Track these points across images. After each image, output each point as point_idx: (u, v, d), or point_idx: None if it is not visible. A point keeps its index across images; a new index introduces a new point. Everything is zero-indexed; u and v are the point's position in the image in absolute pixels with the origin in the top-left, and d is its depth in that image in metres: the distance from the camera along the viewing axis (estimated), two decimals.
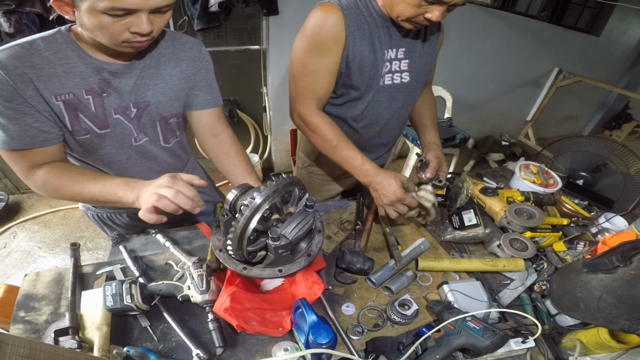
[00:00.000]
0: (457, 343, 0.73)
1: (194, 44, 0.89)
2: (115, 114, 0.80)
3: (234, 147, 0.97)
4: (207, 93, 0.94)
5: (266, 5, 2.15)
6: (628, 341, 0.73)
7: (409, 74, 1.05)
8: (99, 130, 0.80)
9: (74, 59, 0.72)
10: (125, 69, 0.78)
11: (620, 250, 0.77)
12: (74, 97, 0.73)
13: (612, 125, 4.54)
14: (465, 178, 1.19)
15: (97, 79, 0.75)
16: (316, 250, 0.78)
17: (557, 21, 3.33)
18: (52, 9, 1.71)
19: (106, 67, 0.75)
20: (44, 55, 0.69)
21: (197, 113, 0.95)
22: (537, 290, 0.94)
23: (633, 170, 1.48)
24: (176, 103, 0.89)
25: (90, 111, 0.77)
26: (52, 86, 0.70)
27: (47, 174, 0.74)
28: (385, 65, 1.00)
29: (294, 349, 0.73)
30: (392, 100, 1.08)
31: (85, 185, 0.74)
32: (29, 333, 0.76)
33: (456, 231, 1.09)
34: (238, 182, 0.91)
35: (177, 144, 0.99)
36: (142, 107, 0.83)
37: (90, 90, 0.75)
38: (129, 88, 0.80)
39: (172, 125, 0.93)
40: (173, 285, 0.82)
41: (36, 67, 0.68)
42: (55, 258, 2.25)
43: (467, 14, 2.79)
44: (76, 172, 0.76)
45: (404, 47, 1.00)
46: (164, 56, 0.84)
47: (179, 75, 0.87)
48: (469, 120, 3.61)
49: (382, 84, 1.03)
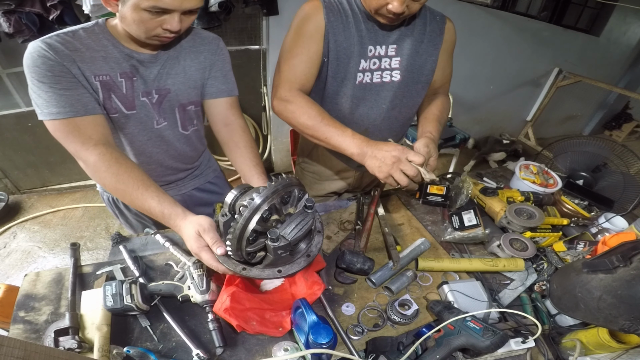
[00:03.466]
0: (457, 343, 0.73)
1: (213, 39, 0.97)
2: (142, 97, 0.89)
3: (243, 137, 0.99)
4: (221, 83, 0.99)
5: (266, 5, 2.15)
6: (628, 341, 0.73)
7: (400, 72, 1.02)
8: (127, 110, 0.88)
9: (109, 47, 0.82)
10: (151, 59, 0.87)
11: (620, 250, 0.77)
12: (109, 79, 0.83)
13: (612, 125, 4.54)
14: (465, 178, 1.19)
15: (129, 65, 0.85)
16: (316, 251, 0.77)
17: (557, 21, 3.33)
18: (51, 9, 1.71)
19: (135, 56, 0.85)
20: (85, 42, 0.79)
21: (212, 102, 1.00)
22: (537, 290, 0.94)
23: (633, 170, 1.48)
24: (194, 92, 0.97)
25: (122, 92, 0.86)
26: (92, 67, 0.80)
27: (100, 157, 0.77)
28: (373, 62, 0.99)
29: (294, 349, 0.73)
30: (379, 99, 1.06)
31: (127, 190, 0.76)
32: (29, 333, 0.76)
33: (456, 231, 1.09)
34: (243, 172, 0.94)
35: (195, 133, 1.06)
36: (163, 94, 0.92)
37: (123, 74, 0.84)
38: (153, 76, 0.89)
39: (190, 113, 1.00)
40: (173, 285, 0.82)
41: (79, 51, 0.78)
42: (55, 258, 2.25)
43: (467, 14, 2.79)
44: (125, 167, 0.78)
45: (395, 44, 0.99)
46: (185, 49, 0.92)
47: (198, 66, 0.94)
48: (469, 120, 3.61)
49: (366, 80, 1.01)
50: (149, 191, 0.76)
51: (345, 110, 1.07)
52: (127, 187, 0.76)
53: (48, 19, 1.74)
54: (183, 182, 1.17)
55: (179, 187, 1.16)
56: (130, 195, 0.76)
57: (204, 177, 1.22)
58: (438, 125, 1.03)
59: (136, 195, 0.76)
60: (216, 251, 0.70)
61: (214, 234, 0.71)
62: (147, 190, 0.76)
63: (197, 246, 0.71)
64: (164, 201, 0.76)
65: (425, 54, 1.03)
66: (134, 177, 0.77)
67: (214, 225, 0.73)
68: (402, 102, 1.09)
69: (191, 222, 0.72)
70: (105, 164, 0.77)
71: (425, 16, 1.02)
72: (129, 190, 0.76)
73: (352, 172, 1.31)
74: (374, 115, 1.09)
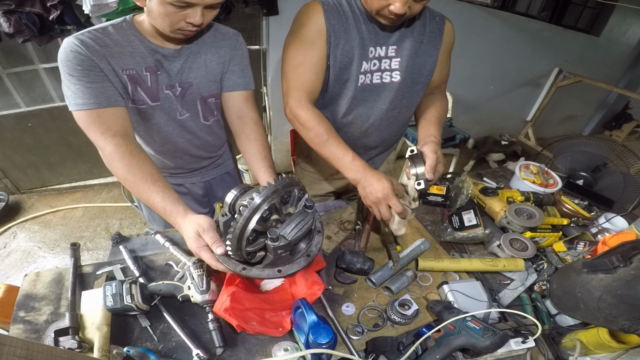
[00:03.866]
0: (457, 343, 0.73)
1: (233, 34, 1.01)
2: (166, 90, 0.94)
3: (254, 130, 1.00)
4: (238, 77, 1.02)
5: (266, 5, 2.15)
6: (628, 341, 0.73)
7: (400, 73, 1.02)
8: (152, 102, 0.93)
9: (136, 42, 0.87)
10: (175, 54, 0.91)
11: (620, 250, 0.77)
12: (135, 73, 0.88)
13: (612, 125, 4.54)
14: (465, 178, 1.19)
15: (153, 60, 0.89)
16: (315, 251, 0.77)
17: (557, 21, 3.33)
18: (51, 9, 1.71)
19: (160, 51, 0.89)
20: (114, 38, 0.84)
21: (228, 94, 1.04)
22: (537, 290, 0.94)
23: (633, 170, 1.48)
24: (214, 85, 1.01)
25: (147, 85, 0.91)
26: (120, 62, 0.85)
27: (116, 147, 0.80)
28: (373, 63, 0.99)
29: (294, 349, 0.73)
30: (379, 100, 1.06)
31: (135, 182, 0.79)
32: (29, 333, 0.76)
33: (456, 232, 1.09)
34: (252, 164, 0.96)
35: (215, 123, 1.11)
36: (186, 87, 0.96)
37: (148, 68, 0.89)
38: (176, 70, 0.93)
39: (211, 105, 1.05)
40: (173, 285, 0.82)
41: (108, 47, 0.83)
42: (55, 258, 2.25)
43: (467, 14, 2.79)
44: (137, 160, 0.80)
45: (395, 45, 0.99)
46: (206, 44, 0.96)
47: (218, 60, 0.98)
48: (469, 120, 3.61)
49: (366, 81, 1.01)
50: (155, 186, 0.78)
51: (345, 111, 1.07)
52: (136, 179, 0.78)
53: (48, 19, 1.74)
54: (206, 170, 1.24)
55: (202, 175, 1.24)
56: (137, 187, 0.78)
57: (225, 167, 1.31)
58: (439, 127, 1.05)
59: (143, 188, 0.78)
60: (216, 251, 0.70)
61: (214, 233, 0.71)
62: (154, 185, 0.78)
63: (196, 245, 0.71)
64: (168, 197, 0.77)
65: (425, 55, 1.03)
66: (144, 169, 0.79)
67: (213, 225, 0.73)
68: (401, 102, 1.09)
69: (191, 221, 0.73)
70: (120, 154, 0.79)
71: (424, 16, 1.01)
72: (137, 182, 0.78)
73: None
74: (374, 115, 1.09)
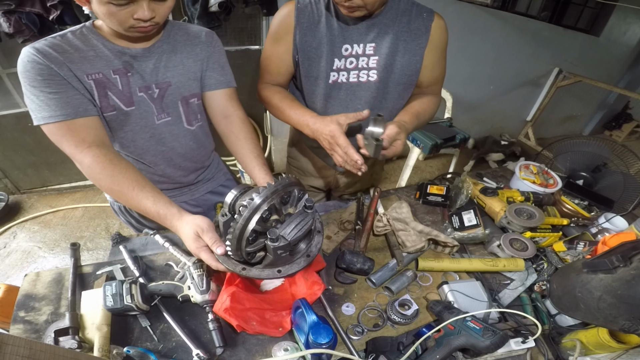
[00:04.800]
0: (457, 343, 0.73)
1: (206, 32, 0.97)
2: (140, 92, 0.88)
3: (243, 129, 0.98)
4: (220, 74, 0.99)
5: (266, 5, 2.15)
6: (628, 341, 0.73)
7: (377, 72, 0.99)
8: (126, 107, 0.87)
9: (99, 46, 0.82)
10: (144, 53, 0.87)
11: (620, 250, 0.77)
12: (103, 77, 0.82)
13: (612, 125, 4.54)
14: (465, 178, 1.19)
15: (121, 62, 0.84)
16: (315, 251, 0.77)
17: (557, 21, 3.33)
18: (51, 9, 1.71)
19: (127, 52, 0.84)
20: (74, 44, 0.79)
21: (211, 94, 1.00)
22: (537, 290, 0.94)
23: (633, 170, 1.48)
24: (194, 83, 0.97)
25: (118, 89, 0.85)
26: (83, 67, 0.80)
27: (95, 159, 0.77)
28: (350, 61, 0.98)
29: (294, 349, 0.73)
30: (354, 99, 1.03)
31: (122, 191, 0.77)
32: (29, 333, 0.76)
33: (456, 232, 1.09)
34: (245, 163, 0.94)
35: (200, 129, 1.05)
36: (164, 87, 0.91)
37: (117, 71, 0.84)
38: (149, 70, 0.88)
39: (194, 107, 1.00)
40: (173, 285, 0.82)
41: (67, 53, 0.78)
42: (55, 258, 2.25)
43: (467, 14, 2.79)
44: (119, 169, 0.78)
45: (374, 42, 0.96)
46: (179, 42, 0.92)
47: (195, 58, 0.94)
48: (469, 120, 3.61)
49: (341, 80, 1.00)
50: (144, 191, 0.76)
51: (320, 109, 1.07)
52: (122, 188, 0.76)
53: (48, 19, 1.74)
54: (196, 187, 1.17)
55: (192, 192, 1.16)
56: (125, 196, 0.77)
57: (216, 181, 1.23)
58: (415, 119, 1.00)
59: (131, 196, 0.76)
60: (216, 251, 0.70)
61: (213, 233, 0.71)
62: (142, 191, 0.76)
63: (195, 246, 0.71)
64: (159, 201, 0.76)
65: (409, 54, 0.98)
66: (128, 177, 0.77)
67: (212, 226, 0.73)
68: (380, 103, 1.05)
69: (188, 222, 0.73)
70: (100, 165, 0.76)
71: (410, 12, 0.97)
72: (124, 190, 0.76)
73: (332, 171, 1.30)
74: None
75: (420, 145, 2.35)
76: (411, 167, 2.48)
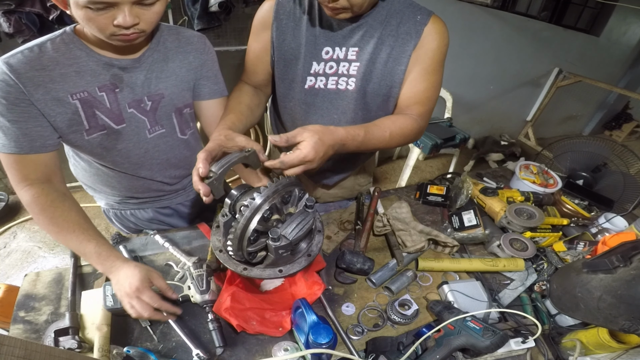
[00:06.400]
0: (457, 343, 0.73)
1: (198, 37, 0.92)
2: (129, 108, 0.82)
3: None
4: (214, 83, 0.96)
5: None
6: (628, 341, 0.73)
7: (355, 81, 0.88)
8: (116, 125, 0.82)
9: (83, 58, 0.74)
10: (134, 63, 0.80)
11: (620, 250, 0.77)
12: (88, 95, 0.76)
13: (612, 125, 4.54)
14: (465, 178, 1.19)
15: (109, 75, 0.77)
16: (316, 251, 0.78)
17: (557, 21, 3.33)
18: (51, 9, 1.71)
19: (116, 63, 0.77)
20: (53, 57, 0.71)
21: (205, 103, 0.97)
22: (537, 290, 0.94)
23: (633, 170, 1.48)
24: (188, 93, 0.92)
25: (106, 107, 0.79)
26: (66, 86, 0.73)
27: (34, 199, 0.74)
28: (330, 65, 0.89)
29: (294, 349, 0.73)
30: (332, 108, 0.94)
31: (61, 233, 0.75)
32: (29, 333, 0.76)
33: (456, 232, 1.09)
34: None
35: (192, 135, 1.03)
36: (157, 100, 0.86)
37: (103, 87, 0.77)
38: (140, 82, 0.82)
39: (186, 116, 0.97)
40: (173, 285, 0.82)
41: (47, 69, 0.70)
42: (55, 258, 2.25)
43: (467, 14, 2.78)
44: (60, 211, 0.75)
45: (357, 46, 0.86)
46: (170, 50, 0.86)
47: (188, 67, 0.90)
48: (469, 120, 3.61)
49: (319, 85, 0.92)
50: (86, 234, 0.75)
51: (296, 115, 1.00)
52: (62, 230, 0.74)
53: (48, 19, 1.74)
54: (191, 187, 1.15)
55: (188, 193, 1.16)
56: (64, 237, 0.75)
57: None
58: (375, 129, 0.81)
59: (70, 238, 0.74)
60: (171, 297, 0.74)
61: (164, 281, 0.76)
62: (83, 233, 0.75)
63: (142, 285, 0.71)
64: (103, 244, 0.76)
65: (391, 61, 0.85)
66: (70, 220, 0.75)
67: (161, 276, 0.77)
68: (359, 115, 0.93)
69: (138, 266, 0.74)
70: (39, 207, 0.74)
71: (401, 14, 0.84)
72: (62, 232, 0.74)
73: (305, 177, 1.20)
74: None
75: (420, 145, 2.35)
76: (411, 167, 2.48)
